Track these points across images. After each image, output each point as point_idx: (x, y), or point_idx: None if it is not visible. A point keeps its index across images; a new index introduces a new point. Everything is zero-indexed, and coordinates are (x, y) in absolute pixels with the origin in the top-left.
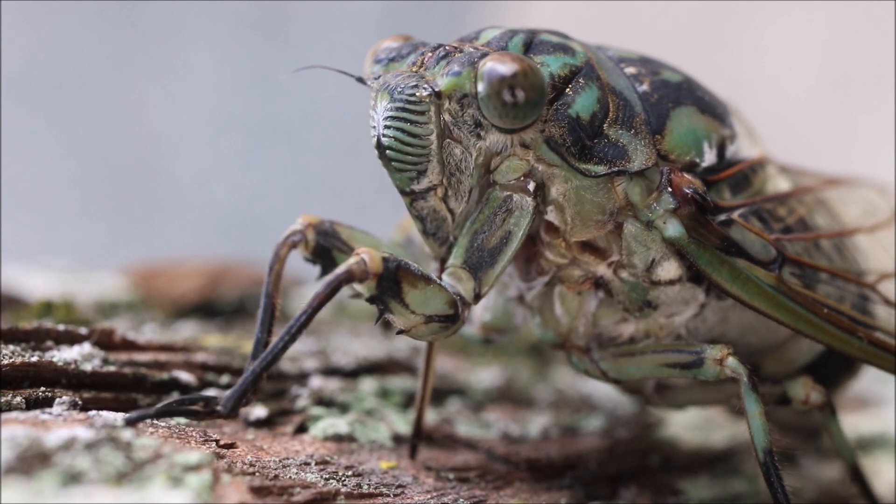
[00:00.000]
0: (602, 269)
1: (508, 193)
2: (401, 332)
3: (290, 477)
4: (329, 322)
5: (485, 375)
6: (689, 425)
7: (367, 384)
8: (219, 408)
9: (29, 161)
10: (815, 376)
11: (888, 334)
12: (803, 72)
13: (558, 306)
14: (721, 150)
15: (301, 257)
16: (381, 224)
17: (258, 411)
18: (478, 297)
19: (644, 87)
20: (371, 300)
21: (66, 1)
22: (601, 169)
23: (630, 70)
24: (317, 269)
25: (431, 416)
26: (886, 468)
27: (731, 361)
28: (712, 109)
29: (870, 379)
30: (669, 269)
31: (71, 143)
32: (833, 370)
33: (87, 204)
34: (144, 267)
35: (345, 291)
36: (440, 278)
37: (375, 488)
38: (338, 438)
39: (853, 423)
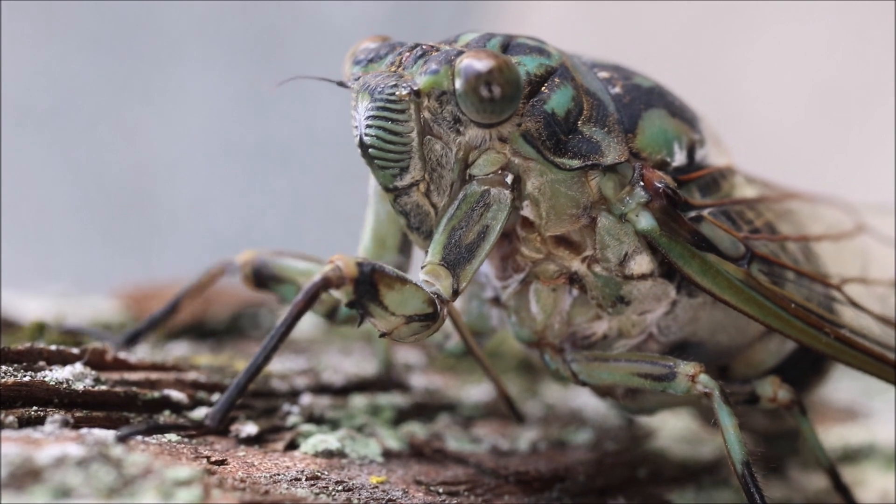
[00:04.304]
0: (576, 264)
1: (486, 188)
2: (383, 335)
3: (281, 492)
4: (320, 341)
5: (475, 391)
6: (677, 438)
7: (358, 401)
8: (207, 422)
9: (27, 187)
10: (785, 378)
11: (853, 332)
12: (796, 88)
13: (534, 304)
14: (691, 152)
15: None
16: None
17: (249, 428)
18: (456, 294)
19: (617, 90)
20: (350, 305)
21: (63, 27)
22: (575, 163)
23: (603, 74)
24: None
25: (421, 432)
26: (874, 478)
27: (703, 378)
28: (682, 114)
29: (857, 391)
30: (642, 262)
31: (68, 169)
32: (801, 373)
33: (85, 229)
34: (136, 289)
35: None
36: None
37: (366, 502)
38: (328, 454)
39: (841, 434)
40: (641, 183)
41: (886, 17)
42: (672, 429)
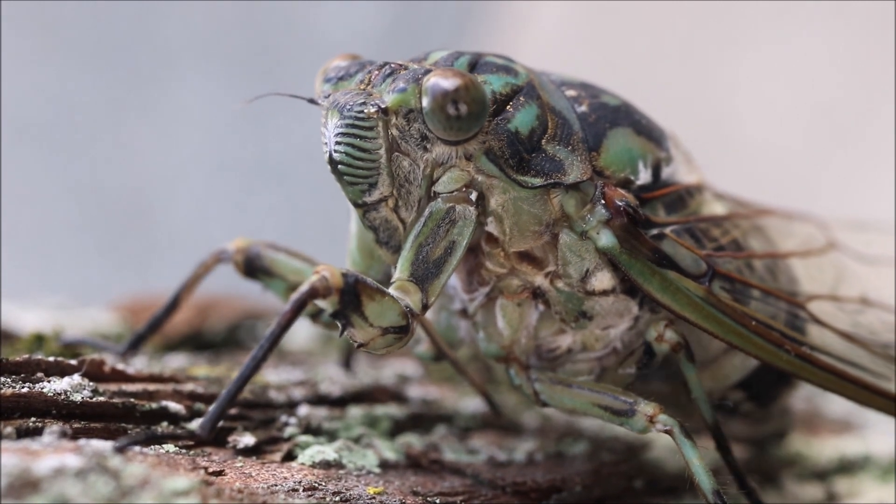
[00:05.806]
0: (539, 280)
1: (451, 205)
2: (360, 346)
3: (279, 503)
4: (317, 353)
5: (471, 403)
6: (673, 448)
7: (355, 412)
8: (198, 431)
9: (26, 200)
10: (751, 391)
11: (815, 349)
12: (792, 108)
13: (500, 319)
14: (656, 170)
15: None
16: None
17: (246, 439)
18: (425, 308)
19: (583, 108)
20: (334, 315)
21: (61, 44)
22: (537, 181)
23: (570, 93)
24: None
25: (418, 443)
26: (869, 488)
27: (662, 417)
28: (648, 132)
29: (853, 405)
30: (603, 279)
31: (67, 183)
32: (768, 386)
33: (83, 243)
34: (134, 301)
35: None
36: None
37: None
38: (326, 465)
39: (837, 446)
40: (603, 201)
41: (883, 34)
42: (668, 440)
